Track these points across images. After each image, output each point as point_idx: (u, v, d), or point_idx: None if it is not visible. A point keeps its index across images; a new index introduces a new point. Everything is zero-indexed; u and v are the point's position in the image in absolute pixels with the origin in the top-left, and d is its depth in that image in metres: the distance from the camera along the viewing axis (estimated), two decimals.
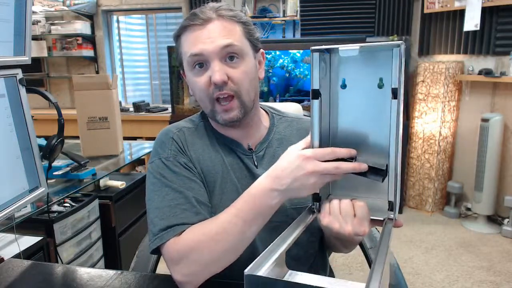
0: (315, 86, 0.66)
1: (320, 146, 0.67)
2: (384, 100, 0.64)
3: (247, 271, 0.53)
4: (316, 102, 0.66)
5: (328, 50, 0.66)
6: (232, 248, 0.72)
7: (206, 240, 0.72)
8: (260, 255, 0.56)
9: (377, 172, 0.64)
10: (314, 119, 0.67)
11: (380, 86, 0.65)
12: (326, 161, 0.65)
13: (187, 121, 0.94)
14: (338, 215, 0.66)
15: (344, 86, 0.68)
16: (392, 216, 0.65)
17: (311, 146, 0.68)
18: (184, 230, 0.76)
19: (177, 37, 0.85)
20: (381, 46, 0.63)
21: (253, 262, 0.54)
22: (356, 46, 0.63)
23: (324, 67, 0.67)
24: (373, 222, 0.68)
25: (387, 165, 0.64)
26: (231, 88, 0.81)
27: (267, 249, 0.58)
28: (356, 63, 0.66)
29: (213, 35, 0.80)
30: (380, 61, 0.64)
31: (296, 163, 0.66)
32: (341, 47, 0.64)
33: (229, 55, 0.81)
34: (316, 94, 0.66)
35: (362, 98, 0.67)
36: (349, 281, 0.51)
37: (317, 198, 0.71)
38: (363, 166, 0.64)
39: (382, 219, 0.67)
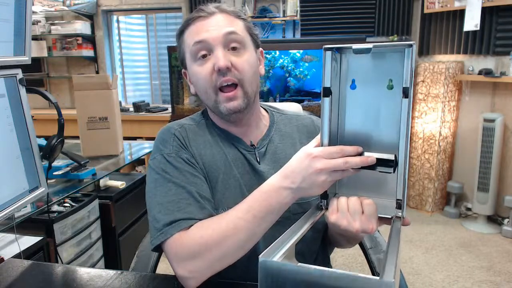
0: (327, 84, 0.66)
1: (329, 144, 0.68)
2: (393, 102, 0.64)
3: (261, 256, 0.54)
4: (327, 100, 0.67)
5: (339, 50, 0.67)
6: (241, 245, 0.72)
7: (215, 236, 0.72)
8: (271, 245, 0.57)
9: (386, 163, 0.64)
10: (324, 117, 0.67)
11: (390, 87, 0.65)
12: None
13: (188, 119, 0.94)
14: (346, 212, 0.66)
15: (353, 86, 0.68)
16: (400, 214, 0.66)
17: (320, 143, 0.69)
18: (191, 225, 0.75)
19: (180, 34, 0.88)
20: (394, 46, 0.63)
21: (265, 251, 0.55)
22: (370, 44, 0.63)
23: (335, 67, 0.67)
24: (381, 220, 0.68)
25: (395, 156, 0.64)
26: (235, 75, 0.82)
27: (276, 241, 0.58)
28: (366, 64, 0.67)
29: (216, 24, 0.83)
30: (389, 62, 0.65)
31: (305, 163, 0.67)
32: (355, 45, 0.65)
33: (232, 45, 0.83)
34: (327, 92, 0.66)
35: (371, 99, 0.67)
36: (361, 274, 0.51)
37: (325, 196, 0.71)
38: (371, 159, 0.64)
39: (389, 217, 0.67)
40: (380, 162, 0.65)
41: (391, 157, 0.64)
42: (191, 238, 0.73)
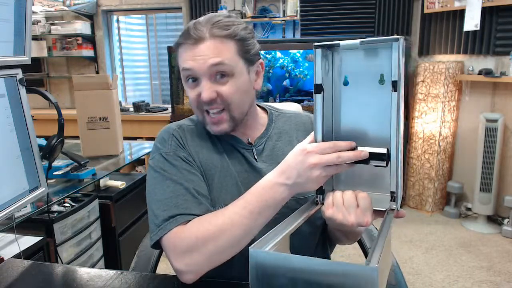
0: (318, 80, 0.67)
1: (323, 140, 0.69)
2: (386, 97, 0.65)
3: (252, 248, 0.57)
4: (319, 97, 0.68)
5: (330, 48, 0.68)
6: (238, 239, 0.73)
7: (212, 230, 0.73)
8: (263, 237, 0.59)
9: (379, 157, 0.65)
10: (317, 113, 0.68)
11: (381, 82, 0.66)
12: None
13: (186, 120, 0.96)
14: (341, 206, 0.67)
15: (346, 83, 0.69)
16: (394, 206, 0.67)
17: (314, 139, 0.70)
18: (189, 220, 0.77)
19: (176, 47, 0.88)
20: (381, 41, 0.64)
21: (256, 242, 0.58)
22: (357, 40, 0.65)
23: (327, 64, 0.69)
24: (376, 213, 0.69)
25: (388, 149, 0.65)
26: (221, 103, 0.84)
27: (269, 232, 0.60)
28: (358, 61, 0.68)
29: (203, 54, 0.81)
30: (381, 58, 0.66)
31: (300, 158, 0.68)
32: (342, 42, 0.66)
33: (219, 73, 0.82)
34: (319, 89, 0.68)
35: (364, 95, 0.69)
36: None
37: (321, 191, 0.72)
38: (364, 153, 0.66)
39: (384, 209, 0.68)
40: (373, 156, 0.66)
41: (383, 150, 0.65)
42: (189, 232, 0.75)
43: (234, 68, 0.82)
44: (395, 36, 0.61)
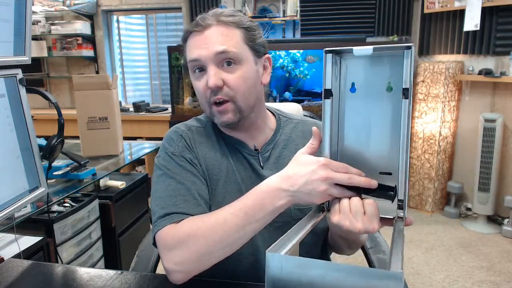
0: (328, 86, 0.67)
1: (331, 144, 0.69)
2: (393, 104, 0.65)
3: (269, 251, 0.57)
4: (328, 102, 0.67)
5: (338, 53, 0.67)
6: (228, 241, 0.71)
7: (204, 227, 0.72)
8: (275, 242, 0.58)
9: (387, 190, 0.66)
10: (325, 118, 0.68)
11: (389, 90, 0.66)
12: None
13: (195, 121, 0.95)
14: (348, 212, 0.66)
15: (353, 90, 0.69)
16: (402, 214, 0.66)
17: (322, 143, 0.70)
18: (183, 219, 0.76)
19: (183, 41, 0.88)
20: (393, 48, 0.64)
21: (271, 247, 0.58)
22: (370, 47, 0.64)
23: (336, 70, 0.68)
24: (383, 221, 0.69)
25: (396, 186, 0.65)
26: (226, 93, 0.82)
27: (281, 238, 0.60)
28: (365, 67, 0.68)
29: (209, 41, 0.81)
30: (388, 65, 0.66)
31: (311, 168, 0.67)
32: (355, 48, 0.65)
33: (226, 61, 0.82)
34: (328, 94, 0.67)
35: (371, 102, 0.68)
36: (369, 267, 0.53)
37: None
38: (374, 182, 0.66)
39: (392, 217, 0.68)
40: (381, 188, 0.67)
41: (392, 185, 0.66)
42: (181, 228, 0.74)
43: (240, 55, 0.83)
44: (408, 44, 0.61)
